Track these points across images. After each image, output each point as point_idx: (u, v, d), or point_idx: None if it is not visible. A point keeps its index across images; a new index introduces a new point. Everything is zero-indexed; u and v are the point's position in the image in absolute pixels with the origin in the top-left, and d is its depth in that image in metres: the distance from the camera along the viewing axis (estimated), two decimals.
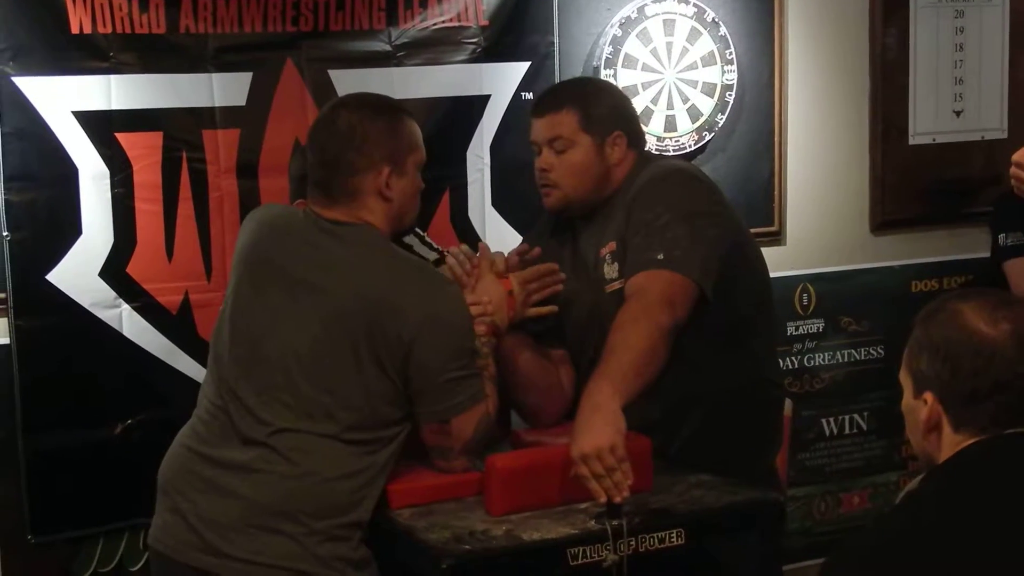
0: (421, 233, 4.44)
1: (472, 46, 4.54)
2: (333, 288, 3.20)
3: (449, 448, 3.27)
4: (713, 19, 4.85)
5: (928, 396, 2.37)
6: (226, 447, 3.19)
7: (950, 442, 2.35)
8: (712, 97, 4.88)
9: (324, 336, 3.17)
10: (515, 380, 3.59)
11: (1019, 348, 2.28)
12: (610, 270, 3.57)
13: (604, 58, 4.71)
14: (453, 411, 3.23)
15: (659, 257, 3.34)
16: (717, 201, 3.64)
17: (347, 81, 4.37)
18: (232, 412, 3.21)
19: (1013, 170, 3.77)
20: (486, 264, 3.62)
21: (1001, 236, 4.81)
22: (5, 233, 4.05)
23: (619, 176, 3.65)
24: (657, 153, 4.62)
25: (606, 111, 3.70)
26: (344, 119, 3.34)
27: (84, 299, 4.14)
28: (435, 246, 4.45)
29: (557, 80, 4.61)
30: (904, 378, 2.46)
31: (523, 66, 4.63)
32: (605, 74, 4.69)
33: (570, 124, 3.64)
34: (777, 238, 5.12)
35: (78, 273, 4.11)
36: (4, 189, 4.04)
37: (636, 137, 3.75)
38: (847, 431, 5.33)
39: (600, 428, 3.00)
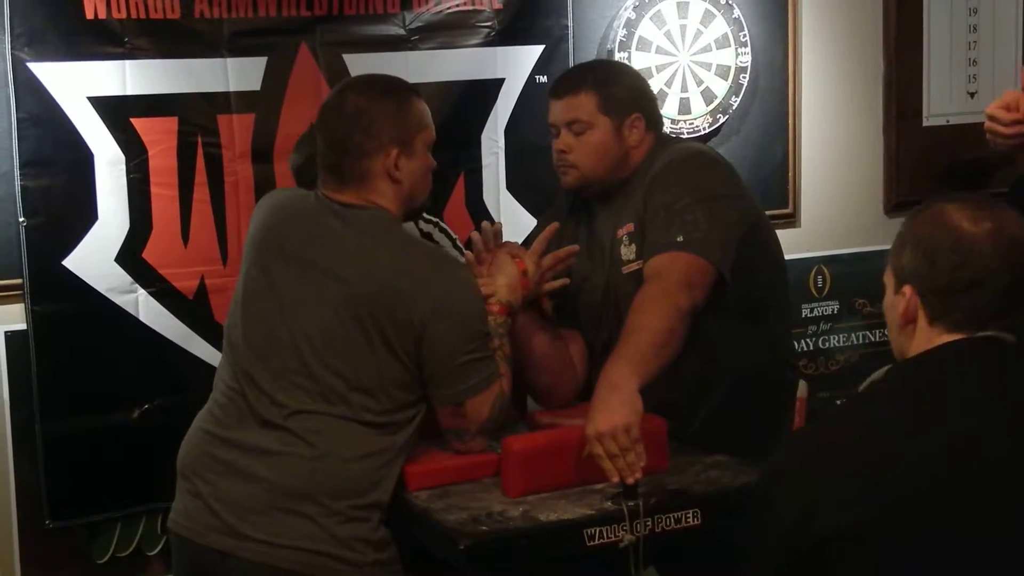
0: (440, 223, 4.43)
1: (486, 29, 4.55)
2: (345, 272, 3.20)
3: (465, 430, 3.27)
4: (727, 1, 4.85)
5: (907, 289, 2.43)
6: (244, 430, 3.20)
7: (924, 335, 2.42)
8: (726, 79, 4.88)
9: (336, 320, 3.17)
10: (528, 360, 3.59)
11: (996, 247, 2.35)
12: (627, 251, 3.57)
13: (618, 41, 4.70)
14: (467, 393, 3.23)
15: (679, 239, 3.35)
16: (735, 183, 3.65)
17: (362, 65, 4.37)
18: (248, 395, 3.22)
19: (988, 124, 3.72)
20: (502, 245, 3.62)
21: None
22: (21, 219, 4.06)
23: (637, 158, 3.65)
24: (675, 136, 4.62)
25: (625, 93, 3.70)
26: (351, 102, 3.34)
27: (100, 284, 4.15)
28: (452, 235, 4.44)
29: (571, 64, 4.60)
30: (887, 276, 2.51)
31: (537, 49, 4.64)
32: (619, 57, 4.69)
33: (589, 106, 3.64)
34: (791, 220, 5.12)
35: (94, 259, 4.12)
36: (20, 175, 4.05)
37: (654, 120, 3.75)
38: None
39: (616, 408, 3.01)
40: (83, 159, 4.11)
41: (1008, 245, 2.36)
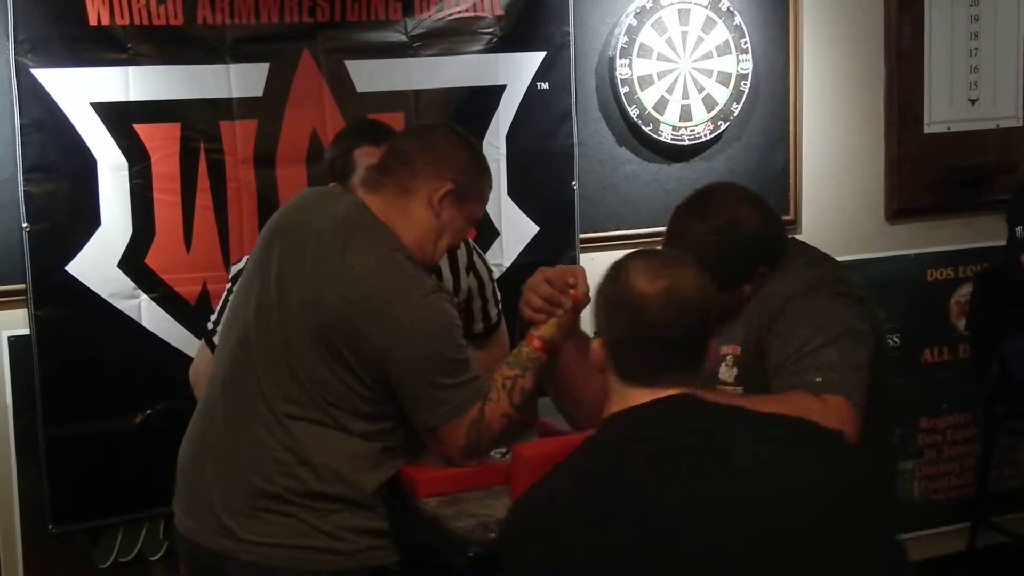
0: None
1: (488, 36, 4.56)
2: (318, 289, 3.12)
3: (447, 455, 3.23)
4: (728, 8, 4.86)
5: (595, 342, 2.62)
6: (232, 432, 3.20)
7: (617, 388, 2.57)
8: (727, 86, 4.89)
9: (305, 334, 3.11)
10: (555, 383, 3.46)
11: (666, 305, 2.50)
12: (727, 372, 3.31)
13: (619, 48, 4.72)
14: (437, 421, 3.14)
15: (816, 380, 3.04)
16: (861, 315, 3.25)
17: (363, 71, 4.40)
18: (236, 398, 3.21)
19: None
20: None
21: (1019, 228, 4.81)
22: (25, 224, 4.08)
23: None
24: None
25: (740, 265, 3.23)
26: (438, 135, 3.28)
27: (103, 290, 4.17)
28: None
29: (573, 70, 4.67)
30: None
31: (539, 56, 4.65)
32: (621, 63, 4.72)
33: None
34: (792, 227, 5.12)
35: (97, 264, 4.14)
36: (23, 181, 4.07)
37: (776, 256, 3.29)
38: None
39: None
40: (86, 165, 4.13)
41: (678, 304, 2.50)
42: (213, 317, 3.80)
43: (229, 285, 3.78)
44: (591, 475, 2.44)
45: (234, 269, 3.78)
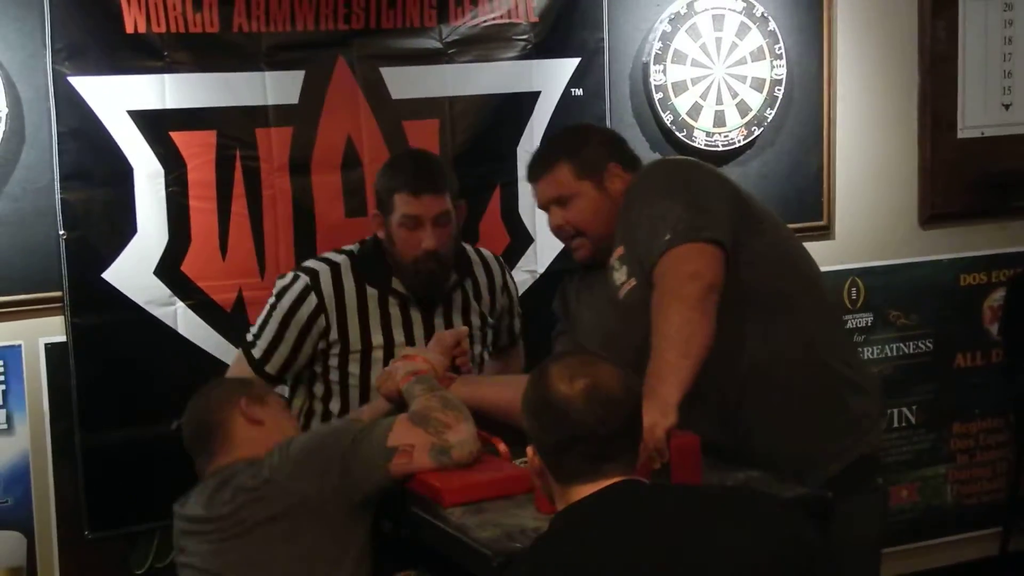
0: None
1: (522, 43, 4.57)
2: None
3: (432, 458, 3.24)
4: (762, 14, 4.86)
5: (529, 449, 2.62)
6: None
7: (558, 490, 2.57)
8: (761, 92, 4.89)
9: None
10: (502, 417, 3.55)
11: (589, 404, 2.49)
12: (619, 275, 3.50)
13: (653, 54, 4.72)
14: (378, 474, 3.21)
15: (667, 238, 3.27)
16: (700, 167, 3.64)
17: (398, 78, 4.42)
18: None
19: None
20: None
21: None
22: (61, 232, 4.10)
23: (623, 202, 3.61)
24: None
25: (595, 151, 3.67)
26: None
27: (139, 297, 4.19)
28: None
29: (607, 76, 4.68)
30: None
31: (573, 62, 4.66)
32: (655, 69, 4.72)
33: (566, 177, 3.61)
34: (826, 232, 5.13)
35: (133, 271, 4.16)
36: (60, 188, 4.09)
37: (629, 160, 3.70)
38: (896, 424, 5.33)
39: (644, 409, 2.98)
40: (123, 172, 4.15)
41: (602, 401, 2.50)
42: (254, 330, 3.82)
43: (273, 300, 3.80)
44: (540, 568, 2.46)
45: (279, 284, 3.81)
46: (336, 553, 3.15)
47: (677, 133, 4.80)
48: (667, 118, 4.78)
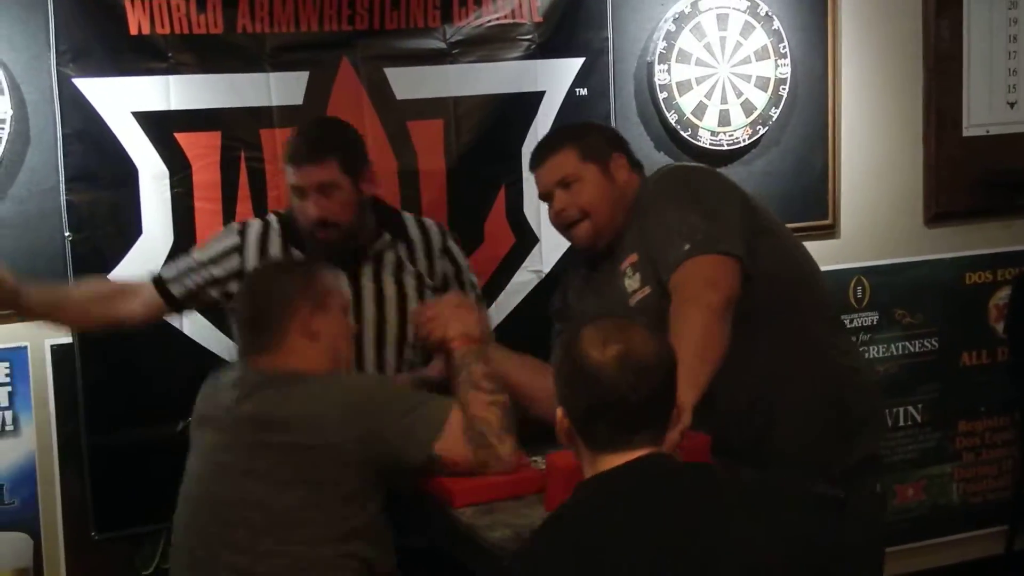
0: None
1: (526, 43, 4.56)
2: None
3: (471, 469, 3.28)
4: (767, 13, 4.85)
5: (559, 412, 2.59)
6: None
7: (587, 456, 2.56)
8: (766, 91, 4.89)
9: None
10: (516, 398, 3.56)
11: (622, 371, 2.48)
12: (631, 282, 3.55)
13: (658, 53, 4.72)
14: (430, 440, 3.24)
15: (685, 248, 3.32)
16: (712, 175, 3.68)
17: (402, 79, 4.42)
18: None
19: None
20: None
21: None
22: (67, 233, 4.11)
23: (630, 199, 3.64)
24: None
25: (599, 139, 3.72)
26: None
27: None
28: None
29: (611, 76, 4.67)
30: None
31: (577, 62, 4.65)
32: (659, 69, 4.72)
33: (571, 160, 3.64)
34: (831, 231, 5.13)
35: (139, 273, 4.12)
36: (65, 190, 4.10)
37: (635, 161, 3.75)
38: (901, 423, 5.33)
39: None
40: (128, 174, 4.16)
41: (634, 368, 2.48)
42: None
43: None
44: (565, 540, 2.44)
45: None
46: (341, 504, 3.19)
47: (682, 132, 4.79)
48: (672, 117, 4.78)
